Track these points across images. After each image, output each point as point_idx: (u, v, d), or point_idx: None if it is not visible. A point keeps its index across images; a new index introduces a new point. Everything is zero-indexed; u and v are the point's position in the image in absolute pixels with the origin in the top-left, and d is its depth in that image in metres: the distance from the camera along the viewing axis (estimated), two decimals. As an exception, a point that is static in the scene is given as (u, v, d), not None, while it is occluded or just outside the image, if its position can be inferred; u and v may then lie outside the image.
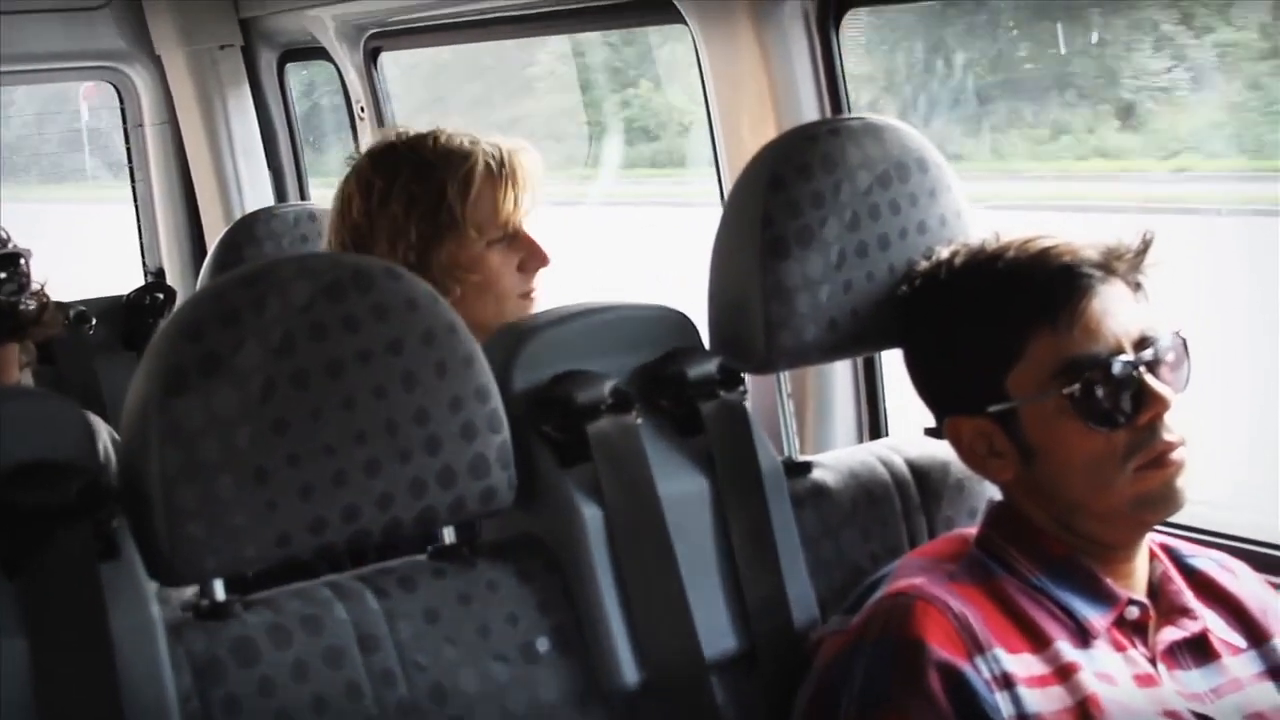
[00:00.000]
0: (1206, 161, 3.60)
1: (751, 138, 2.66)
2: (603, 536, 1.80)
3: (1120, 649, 1.74)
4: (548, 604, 1.79)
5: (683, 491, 1.86)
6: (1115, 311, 1.76)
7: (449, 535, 1.79)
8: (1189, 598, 1.82)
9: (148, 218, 4.30)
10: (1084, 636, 1.73)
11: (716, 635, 1.83)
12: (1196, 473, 1.74)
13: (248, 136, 4.13)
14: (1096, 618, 1.75)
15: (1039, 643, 1.71)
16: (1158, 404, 1.72)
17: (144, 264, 4.33)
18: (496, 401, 1.74)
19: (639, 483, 1.82)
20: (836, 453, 2.11)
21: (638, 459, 1.83)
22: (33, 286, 2.50)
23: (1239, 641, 1.82)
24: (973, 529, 1.86)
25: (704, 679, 1.81)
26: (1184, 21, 3.21)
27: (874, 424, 2.82)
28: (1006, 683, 1.67)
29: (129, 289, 3.71)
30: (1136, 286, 1.80)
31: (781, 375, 2.04)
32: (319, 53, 3.92)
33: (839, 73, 2.71)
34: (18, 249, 2.54)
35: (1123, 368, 1.73)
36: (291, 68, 4.15)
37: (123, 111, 4.27)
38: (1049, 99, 3.57)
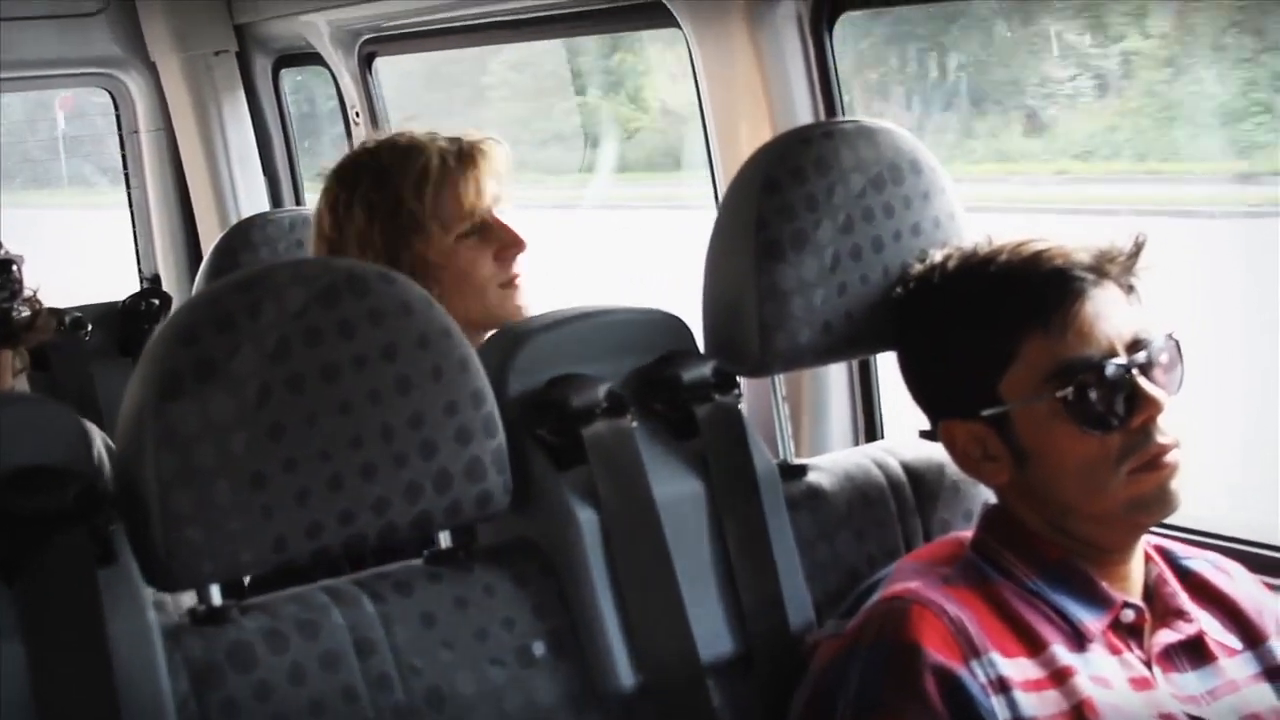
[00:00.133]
0: (1088, 165, 3.76)
1: (745, 141, 2.66)
2: (598, 540, 1.80)
3: (1116, 652, 1.74)
4: (544, 607, 1.79)
5: (678, 495, 1.86)
6: (1108, 314, 1.76)
7: (445, 539, 1.79)
8: (1184, 600, 1.82)
9: (143, 224, 4.29)
10: (1079, 640, 1.73)
11: (712, 638, 1.83)
12: (1190, 475, 1.75)
13: (243, 142, 4.12)
14: (1092, 621, 1.75)
15: (1034, 647, 1.71)
16: (1151, 406, 1.72)
17: (139, 270, 4.32)
18: (492, 405, 1.74)
19: (634, 486, 1.82)
20: (832, 455, 2.11)
21: (633, 462, 1.83)
22: (25, 293, 2.50)
23: (1234, 643, 1.82)
24: (968, 532, 1.86)
25: (700, 682, 1.81)
26: (1089, 31, 3.33)
27: (869, 427, 2.82)
28: (1002, 687, 1.66)
29: (124, 295, 3.70)
30: (1129, 289, 1.80)
31: (776, 378, 2.04)
32: (314, 58, 3.91)
33: (832, 76, 2.70)
34: (10, 255, 2.54)
35: (1115, 370, 1.73)
36: (286, 73, 4.15)
37: (118, 118, 4.25)
38: (959, 106, 3.66)
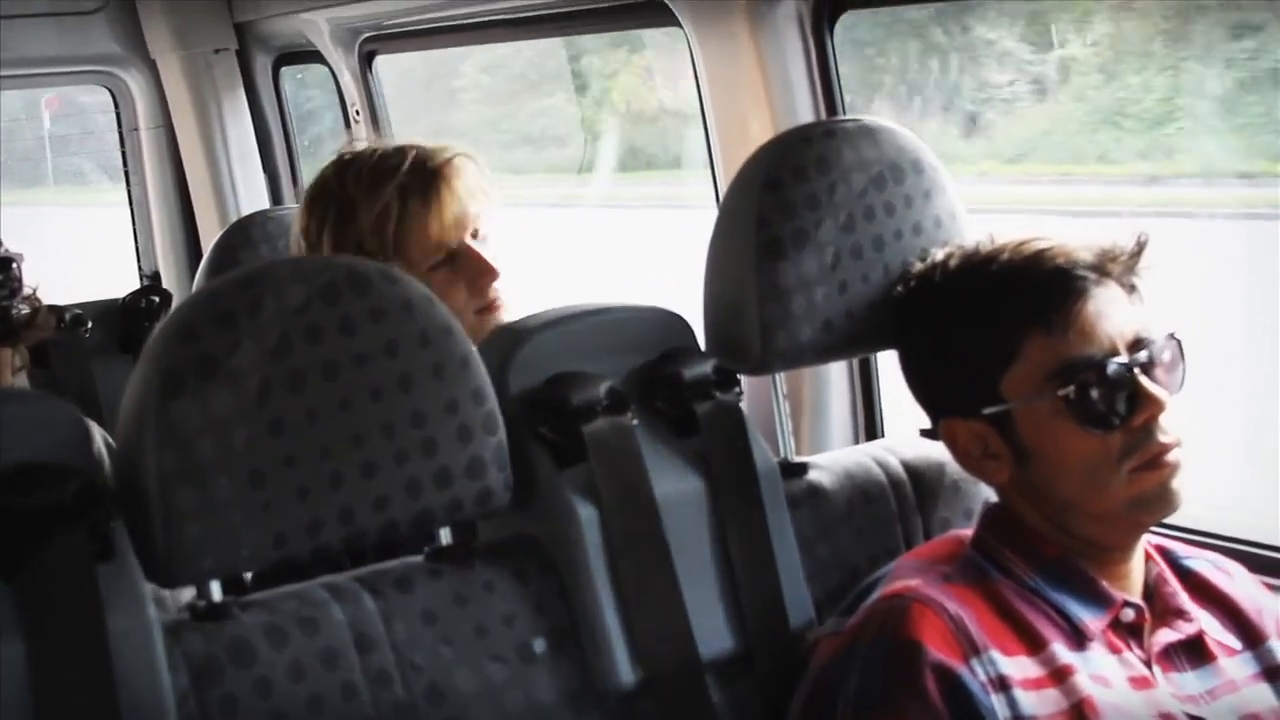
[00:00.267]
0: (1020, 166, 3.91)
1: (746, 140, 2.66)
2: (599, 537, 1.80)
3: (1115, 651, 1.74)
4: (544, 605, 1.79)
5: (679, 492, 1.86)
6: (1109, 313, 1.76)
7: (446, 536, 1.79)
8: (1184, 599, 1.82)
9: (143, 221, 4.29)
10: (1079, 639, 1.73)
11: (712, 636, 1.83)
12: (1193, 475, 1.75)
13: (243, 140, 4.12)
14: (1092, 620, 1.75)
15: (1034, 645, 1.71)
16: (1152, 405, 1.72)
17: (139, 267, 4.32)
18: (492, 403, 1.74)
19: (635, 484, 1.82)
20: (832, 454, 2.11)
21: (633, 460, 1.83)
22: (25, 290, 2.50)
23: (1234, 643, 1.82)
24: (968, 530, 1.85)
25: (700, 680, 1.81)
26: (1026, 39, 3.43)
27: (869, 425, 2.82)
28: (1002, 685, 1.67)
29: (122, 292, 3.70)
30: (1131, 288, 1.80)
31: (777, 376, 2.04)
32: (314, 56, 3.91)
33: (834, 75, 2.70)
34: (9, 253, 2.54)
35: (1117, 369, 1.73)
36: (287, 71, 4.15)
37: (118, 115, 4.25)
38: (905, 111, 3.73)
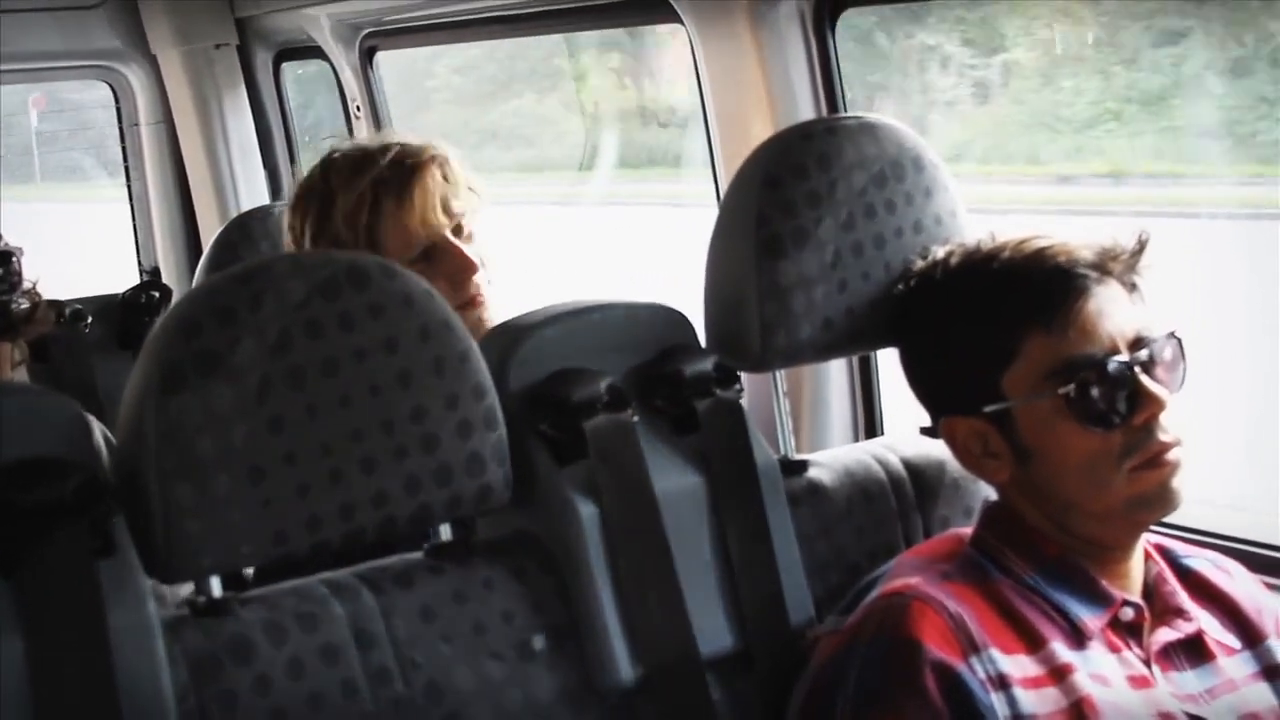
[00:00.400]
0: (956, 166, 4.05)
1: (747, 137, 2.66)
2: (599, 534, 1.79)
3: (1115, 650, 1.74)
4: (544, 602, 1.79)
5: (679, 489, 1.86)
6: (1110, 312, 1.76)
7: (445, 533, 1.79)
8: (1184, 599, 1.82)
9: (143, 216, 4.29)
10: (1079, 638, 1.73)
11: (712, 633, 1.83)
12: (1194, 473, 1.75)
13: (243, 135, 4.12)
14: (1091, 619, 1.74)
15: (1034, 644, 1.71)
16: (1153, 404, 1.72)
17: (139, 263, 4.32)
18: (493, 399, 1.74)
19: (635, 481, 1.82)
20: (832, 451, 2.11)
21: (634, 457, 1.83)
22: (24, 285, 2.50)
23: (1234, 642, 1.82)
24: (968, 529, 1.85)
25: (699, 677, 1.81)
26: (970, 44, 3.51)
27: (869, 423, 2.82)
28: (1001, 683, 1.66)
29: (122, 288, 3.71)
30: (1131, 287, 1.80)
31: (777, 374, 2.04)
32: (315, 52, 3.91)
33: (835, 72, 2.71)
34: (9, 247, 2.54)
35: (1118, 368, 1.73)
36: (288, 67, 4.15)
37: (118, 110, 4.26)
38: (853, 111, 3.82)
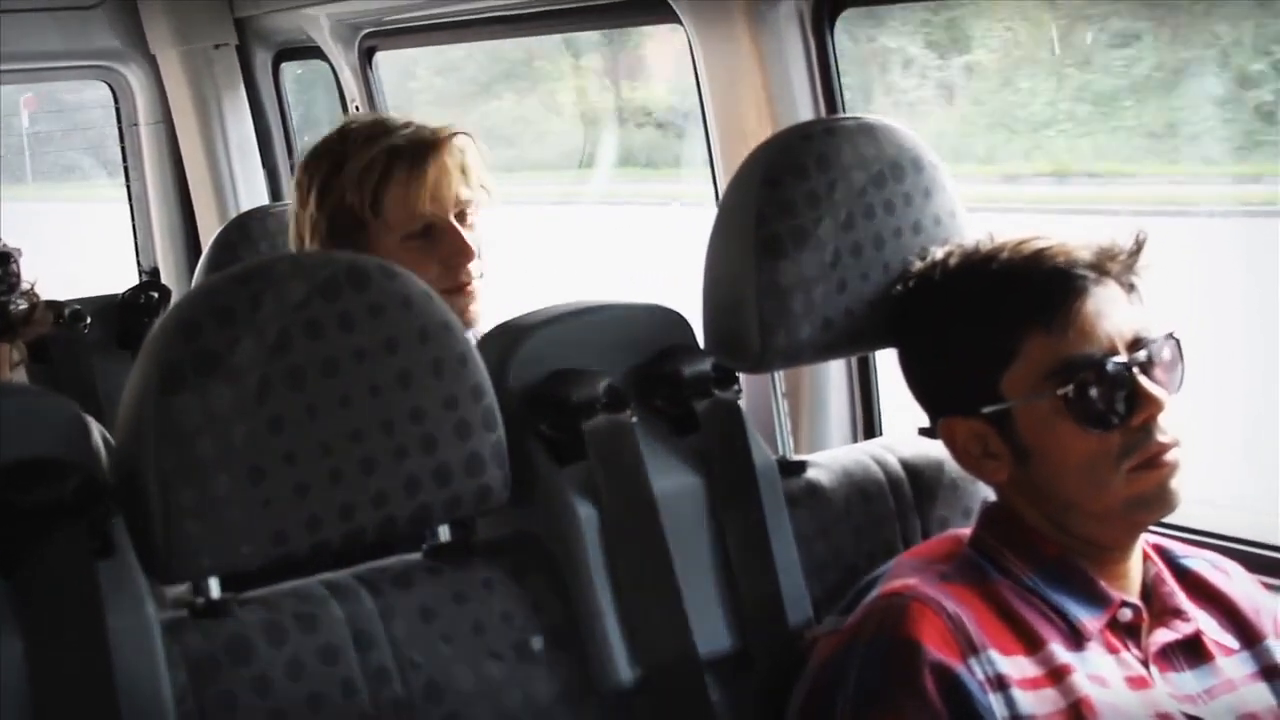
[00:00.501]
0: None
1: (746, 137, 2.66)
2: (598, 535, 1.79)
3: (1113, 651, 1.74)
4: (543, 602, 1.79)
5: (678, 490, 1.85)
6: (1109, 312, 1.76)
7: (444, 533, 1.79)
8: (1182, 599, 1.81)
9: (142, 217, 4.30)
10: (1077, 639, 1.73)
11: (711, 634, 1.83)
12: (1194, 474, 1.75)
13: (243, 136, 4.12)
14: (1089, 620, 1.74)
15: (1032, 645, 1.71)
16: (1151, 405, 1.72)
17: (138, 263, 4.33)
18: (491, 400, 1.74)
19: (634, 481, 1.82)
20: (831, 452, 2.11)
21: (633, 457, 1.83)
22: (23, 286, 2.50)
23: (1232, 643, 1.82)
24: (967, 529, 1.85)
25: (698, 678, 1.81)
26: (932, 46, 3.56)
27: (868, 423, 2.82)
28: (1000, 684, 1.66)
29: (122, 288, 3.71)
30: (1130, 287, 1.80)
31: (776, 374, 2.04)
32: (314, 52, 3.91)
33: (834, 73, 2.71)
34: (7, 248, 2.54)
35: (1116, 369, 1.73)
36: (287, 67, 4.15)
37: (117, 111, 4.26)
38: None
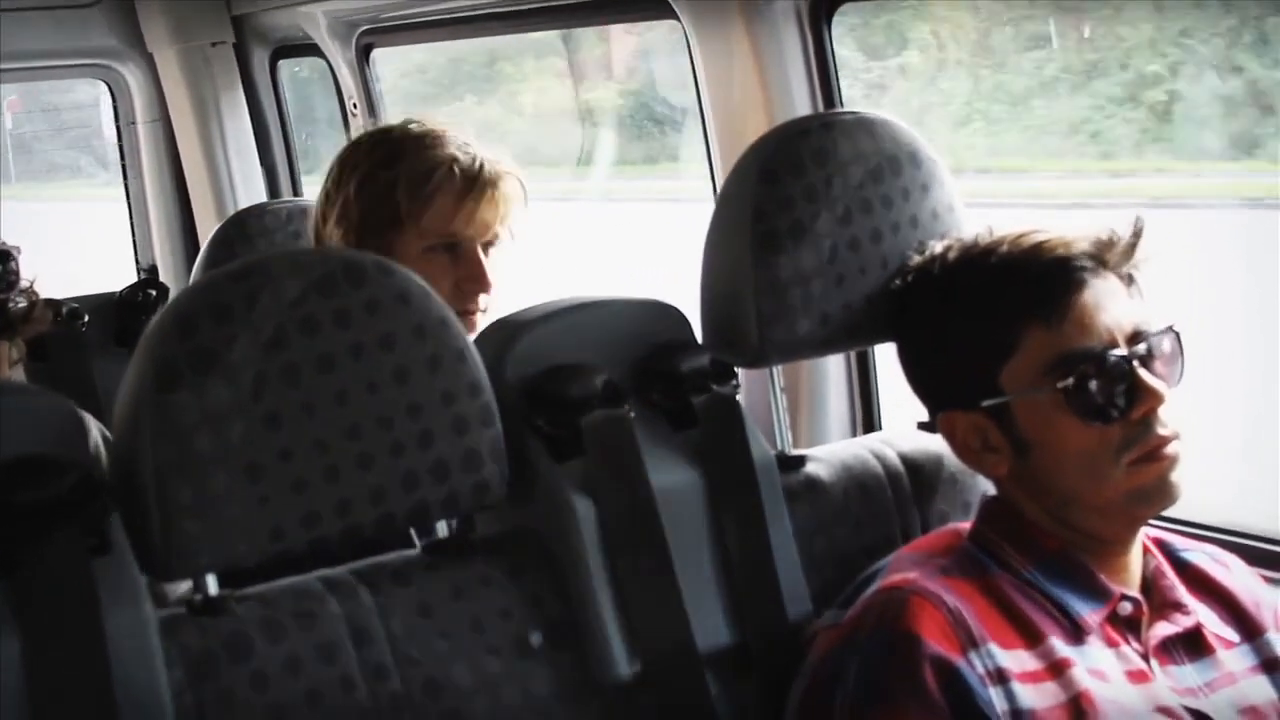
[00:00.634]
0: None
1: (743, 133, 2.66)
2: (596, 530, 1.79)
3: (1113, 645, 1.74)
4: (541, 597, 1.78)
5: (676, 485, 1.85)
6: (1108, 305, 1.76)
7: (442, 529, 1.79)
8: (1182, 592, 1.81)
9: (140, 215, 4.30)
10: (1077, 632, 1.73)
11: (710, 628, 1.83)
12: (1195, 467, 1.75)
13: (240, 133, 4.12)
14: (1089, 613, 1.74)
15: (1032, 638, 1.71)
16: (1151, 398, 1.72)
17: (136, 261, 4.33)
18: (489, 395, 1.74)
19: (632, 476, 1.82)
20: (830, 446, 2.11)
21: (631, 453, 1.83)
22: (21, 284, 2.50)
23: (1232, 636, 1.82)
24: (966, 523, 1.85)
25: (697, 672, 1.80)
26: (863, 48, 3.60)
27: (867, 418, 2.82)
28: (1000, 678, 1.66)
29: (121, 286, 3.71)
30: (1129, 280, 1.80)
31: (774, 369, 2.04)
32: (312, 49, 3.91)
33: (831, 68, 2.70)
34: (6, 246, 2.54)
35: (1116, 361, 1.73)
36: (285, 64, 4.14)
37: (115, 109, 4.26)
38: None
